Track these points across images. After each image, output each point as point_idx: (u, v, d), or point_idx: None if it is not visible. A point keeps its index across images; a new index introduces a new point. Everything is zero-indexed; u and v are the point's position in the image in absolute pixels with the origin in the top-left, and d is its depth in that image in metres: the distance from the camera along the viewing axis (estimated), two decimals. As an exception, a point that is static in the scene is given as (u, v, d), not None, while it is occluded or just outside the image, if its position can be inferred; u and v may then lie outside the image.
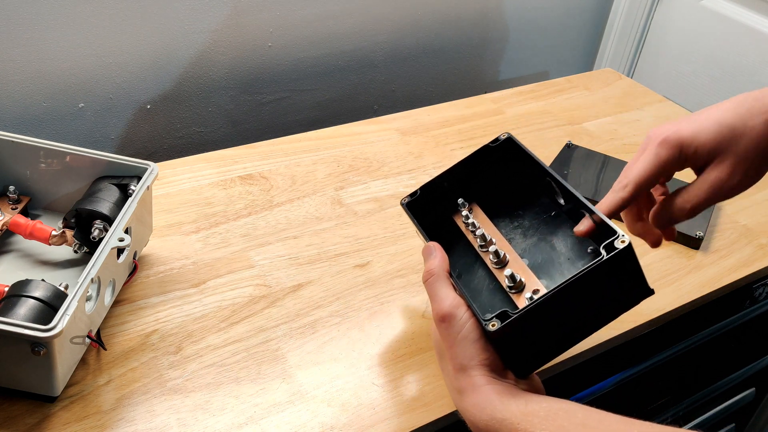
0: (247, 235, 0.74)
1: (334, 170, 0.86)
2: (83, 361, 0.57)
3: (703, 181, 0.52)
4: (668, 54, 1.31)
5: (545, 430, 0.42)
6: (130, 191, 0.64)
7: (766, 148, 0.51)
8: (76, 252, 0.64)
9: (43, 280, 0.54)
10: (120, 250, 0.61)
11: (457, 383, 0.48)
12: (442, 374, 0.51)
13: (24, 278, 0.55)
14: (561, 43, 1.38)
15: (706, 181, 0.52)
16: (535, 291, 0.52)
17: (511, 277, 0.52)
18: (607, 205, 0.53)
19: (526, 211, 0.60)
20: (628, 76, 1.39)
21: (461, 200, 0.62)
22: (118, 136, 0.96)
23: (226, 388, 0.57)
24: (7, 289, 0.55)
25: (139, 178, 0.65)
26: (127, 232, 0.60)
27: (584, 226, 0.51)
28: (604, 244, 0.46)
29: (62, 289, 0.55)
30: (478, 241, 0.58)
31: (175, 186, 0.81)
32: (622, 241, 0.45)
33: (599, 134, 1.00)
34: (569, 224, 0.56)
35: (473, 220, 0.60)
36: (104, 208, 0.62)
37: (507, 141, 0.60)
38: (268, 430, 0.54)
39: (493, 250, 0.56)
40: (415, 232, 0.70)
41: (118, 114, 0.95)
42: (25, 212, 0.68)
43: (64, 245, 0.64)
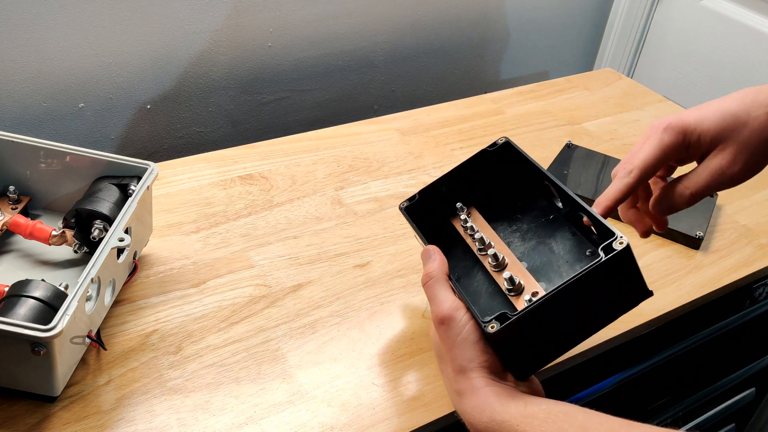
0: (247, 235, 0.74)
1: (334, 170, 0.86)
2: (83, 361, 0.57)
3: (704, 168, 0.52)
4: (668, 54, 1.31)
5: None
6: (130, 191, 0.64)
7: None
8: (76, 252, 0.64)
9: (43, 280, 0.54)
10: (120, 250, 0.62)
11: (457, 385, 0.48)
12: (442, 376, 0.51)
13: (24, 278, 0.55)
14: (561, 43, 1.38)
15: (708, 167, 0.52)
16: (534, 293, 0.52)
17: (510, 280, 0.52)
18: (614, 192, 0.53)
19: (525, 214, 0.60)
20: (628, 76, 1.39)
21: (460, 204, 0.62)
22: (118, 136, 0.96)
23: (226, 388, 0.57)
24: (7, 289, 0.55)
25: (139, 178, 0.65)
26: (127, 232, 0.60)
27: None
28: (602, 246, 0.46)
29: (62, 289, 0.55)
30: (477, 244, 0.58)
31: (175, 186, 0.81)
32: (621, 243, 0.45)
33: (599, 134, 1.00)
34: (567, 227, 0.57)
35: (472, 224, 0.60)
36: (104, 208, 0.62)
37: (505, 145, 0.60)
38: (268, 430, 0.54)
39: (491, 253, 0.56)
40: (414, 236, 0.70)
41: (118, 114, 0.95)
42: (25, 212, 0.68)
43: (64, 245, 0.64)
